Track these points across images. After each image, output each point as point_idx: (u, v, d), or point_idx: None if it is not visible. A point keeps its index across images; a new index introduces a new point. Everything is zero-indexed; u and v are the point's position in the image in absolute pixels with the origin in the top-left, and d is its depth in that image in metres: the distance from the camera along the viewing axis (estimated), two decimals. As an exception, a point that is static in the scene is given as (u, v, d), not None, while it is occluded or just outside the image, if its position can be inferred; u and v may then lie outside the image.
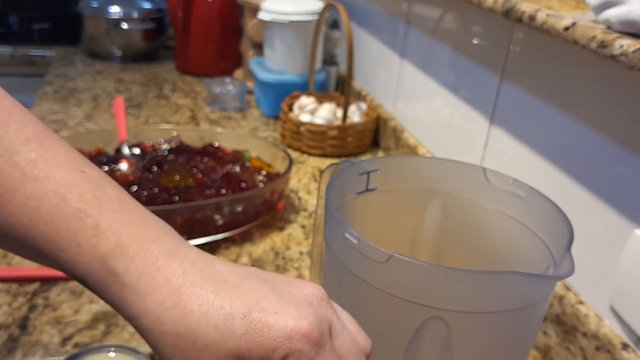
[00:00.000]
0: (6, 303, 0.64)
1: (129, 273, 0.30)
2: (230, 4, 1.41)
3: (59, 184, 0.31)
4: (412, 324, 0.41)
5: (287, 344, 0.29)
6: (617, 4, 0.48)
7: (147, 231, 0.31)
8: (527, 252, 0.51)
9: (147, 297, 0.30)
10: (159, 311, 0.29)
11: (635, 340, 0.53)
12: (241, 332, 0.29)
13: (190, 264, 0.31)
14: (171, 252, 0.31)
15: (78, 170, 0.32)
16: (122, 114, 0.96)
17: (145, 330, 0.30)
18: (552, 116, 0.63)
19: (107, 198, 0.31)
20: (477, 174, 0.55)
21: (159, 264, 0.30)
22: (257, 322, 0.29)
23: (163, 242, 0.31)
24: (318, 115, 1.10)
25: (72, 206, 0.30)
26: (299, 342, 0.29)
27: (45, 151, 0.31)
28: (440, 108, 0.90)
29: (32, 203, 0.30)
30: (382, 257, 0.40)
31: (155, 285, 0.30)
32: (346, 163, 0.53)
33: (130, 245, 0.30)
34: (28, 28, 1.79)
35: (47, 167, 0.31)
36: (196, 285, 0.30)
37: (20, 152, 0.31)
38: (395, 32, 1.06)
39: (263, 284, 0.31)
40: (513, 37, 0.70)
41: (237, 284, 0.31)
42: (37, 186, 0.30)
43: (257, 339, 0.29)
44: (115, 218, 0.31)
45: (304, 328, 0.29)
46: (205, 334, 0.29)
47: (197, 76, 1.46)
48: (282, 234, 0.82)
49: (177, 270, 0.30)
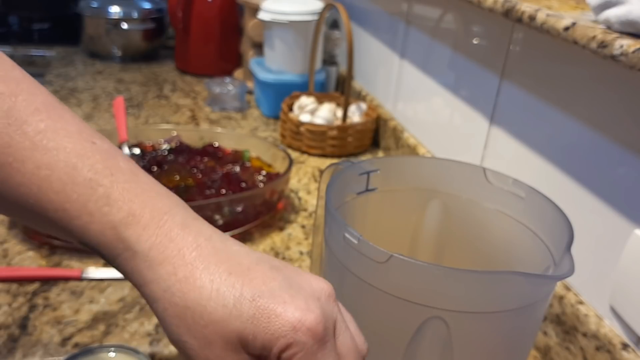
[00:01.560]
0: (6, 303, 0.64)
1: (142, 241, 0.30)
2: (230, 4, 1.41)
3: (70, 154, 0.31)
4: (412, 324, 0.41)
5: (292, 334, 0.29)
6: (617, 4, 0.48)
7: (160, 202, 0.31)
8: (527, 252, 0.51)
9: (158, 266, 0.30)
10: (170, 281, 0.29)
11: (635, 340, 0.53)
12: (249, 314, 0.29)
13: (205, 239, 0.31)
14: (185, 224, 0.31)
15: (89, 142, 0.32)
16: (122, 114, 0.96)
17: (153, 298, 0.30)
18: (552, 116, 0.63)
19: (118, 168, 0.31)
20: (477, 174, 0.54)
21: (172, 235, 0.30)
22: (265, 307, 0.29)
23: (177, 213, 0.31)
24: (318, 115, 1.10)
25: (83, 175, 0.30)
26: (303, 334, 0.29)
27: (54, 121, 0.31)
28: (440, 108, 0.90)
29: (43, 172, 0.30)
30: (382, 257, 0.40)
31: (168, 255, 0.30)
32: (346, 163, 0.53)
33: (143, 214, 0.30)
34: (28, 28, 1.79)
35: (57, 137, 0.31)
36: (210, 261, 0.30)
37: (30, 122, 0.30)
38: (395, 32, 1.06)
39: (275, 272, 0.31)
40: (513, 37, 0.70)
41: (250, 267, 0.31)
42: (47, 156, 0.30)
43: (264, 324, 0.29)
44: (127, 188, 0.31)
45: (310, 321, 0.29)
46: (213, 311, 0.29)
47: (197, 76, 1.46)
48: (282, 234, 0.82)
49: (192, 244, 0.30)
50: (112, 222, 0.30)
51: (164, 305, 0.30)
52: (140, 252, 0.30)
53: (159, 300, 0.30)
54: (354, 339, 0.33)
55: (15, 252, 0.73)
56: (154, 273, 0.30)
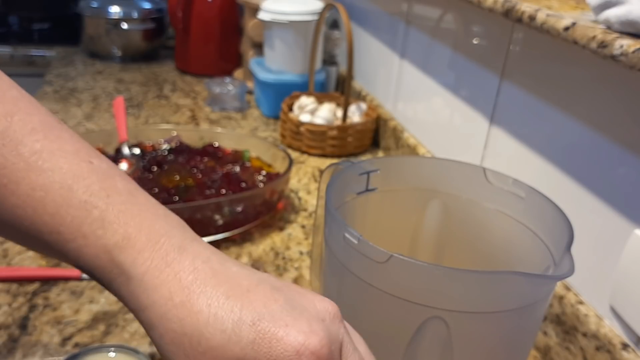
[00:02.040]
0: (6, 303, 0.64)
1: (136, 266, 0.29)
2: (230, 4, 1.41)
3: (65, 175, 0.30)
4: (412, 324, 0.41)
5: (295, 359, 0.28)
6: (617, 4, 0.48)
7: (157, 224, 0.31)
8: (527, 252, 0.51)
9: (154, 291, 0.29)
10: (167, 307, 0.28)
11: (635, 340, 0.53)
12: (249, 339, 0.28)
13: (202, 261, 0.30)
14: (182, 247, 0.30)
15: (85, 161, 0.31)
16: (122, 114, 0.96)
17: (149, 324, 0.29)
18: (552, 116, 0.63)
19: (114, 190, 0.31)
20: (477, 174, 0.54)
21: (169, 259, 0.29)
22: (266, 331, 0.28)
23: (174, 235, 0.30)
24: (318, 115, 1.10)
25: (78, 197, 0.30)
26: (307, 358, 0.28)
27: (51, 142, 0.31)
28: (440, 108, 0.90)
29: (37, 194, 0.30)
30: (382, 257, 0.40)
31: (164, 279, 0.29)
32: (346, 163, 0.53)
33: (138, 238, 0.29)
34: (28, 28, 1.79)
35: (52, 158, 0.30)
36: (207, 284, 0.29)
37: (25, 142, 0.30)
38: (395, 32, 1.06)
39: (276, 293, 0.30)
40: (513, 37, 0.70)
41: (250, 289, 0.30)
42: (42, 177, 0.30)
43: (265, 349, 0.28)
44: (122, 210, 0.30)
45: (314, 345, 0.28)
46: (211, 336, 0.28)
47: (197, 76, 1.46)
48: (282, 234, 0.82)
49: (188, 267, 0.29)
50: (107, 245, 0.29)
51: (160, 332, 0.29)
52: (135, 276, 0.29)
53: (155, 327, 0.29)
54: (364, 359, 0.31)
55: (15, 252, 0.73)
56: (149, 298, 0.29)
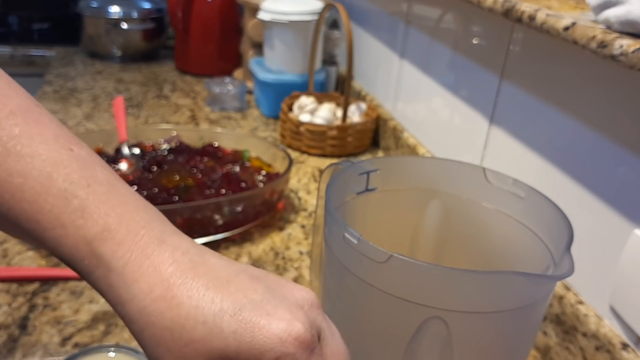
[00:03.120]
0: (6, 303, 0.64)
1: (116, 258, 0.29)
2: (230, 4, 1.41)
3: (45, 162, 0.29)
4: (412, 324, 0.41)
5: (279, 347, 0.28)
6: (616, 4, 0.48)
7: (137, 215, 0.30)
8: (527, 252, 0.51)
9: (133, 284, 0.28)
10: (146, 300, 0.28)
11: (635, 340, 0.53)
12: (230, 330, 0.28)
13: (181, 253, 0.30)
14: (162, 239, 0.30)
15: (65, 148, 0.30)
16: (122, 114, 0.96)
17: (129, 319, 0.29)
18: (552, 116, 0.63)
19: (95, 179, 0.30)
20: (477, 174, 0.54)
21: (148, 251, 0.29)
22: (247, 321, 0.28)
23: (154, 227, 0.30)
24: (318, 115, 1.10)
25: (57, 186, 0.29)
26: (291, 345, 0.28)
27: (30, 127, 0.30)
28: (440, 108, 0.90)
29: (15, 180, 0.29)
30: (382, 257, 0.40)
31: (143, 272, 0.28)
32: (346, 163, 0.53)
33: (118, 229, 0.29)
34: (28, 28, 1.79)
35: (32, 144, 0.29)
36: (187, 276, 0.29)
37: (3, 126, 0.29)
38: (395, 32, 1.06)
39: (256, 282, 0.30)
40: (513, 37, 0.70)
41: (230, 280, 0.29)
42: (20, 163, 0.29)
43: (247, 339, 0.28)
44: (103, 200, 0.29)
45: (297, 330, 0.28)
46: (192, 329, 0.28)
47: (197, 76, 1.46)
48: (282, 234, 0.82)
49: (168, 259, 0.29)
50: (86, 236, 0.29)
51: (141, 327, 0.28)
52: (115, 269, 0.28)
53: (136, 322, 0.28)
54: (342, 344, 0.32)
55: (15, 252, 0.73)
56: (129, 291, 0.28)
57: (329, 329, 0.31)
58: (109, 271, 0.29)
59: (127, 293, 0.28)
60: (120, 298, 0.29)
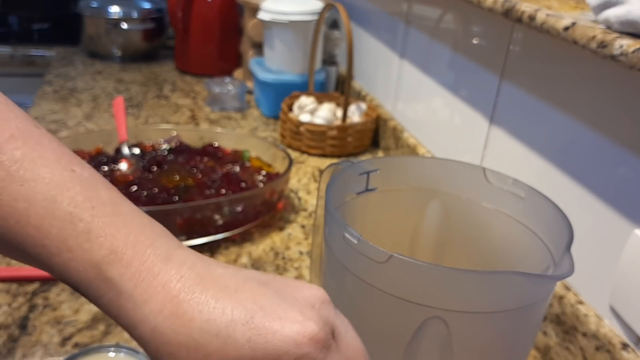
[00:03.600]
0: (6, 303, 0.64)
1: (125, 280, 0.29)
2: (230, 4, 1.41)
3: (48, 186, 0.29)
4: (412, 324, 0.41)
5: (294, 349, 0.28)
6: (616, 4, 0.48)
7: (142, 235, 0.30)
8: (527, 252, 0.51)
9: (144, 305, 0.28)
10: (158, 320, 0.28)
11: (635, 340, 0.53)
12: (244, 339, 0.28)
13: (187, 268, 0.30)
14: (168, 256, 0.30)
15: (68, 170, 0.30)
16: (122, 114, 0.96)
17: (143, 340, 0.29)
18: (552, 116, 0.63)
19: (99, 200, 0.30)
20: (477, 174, 0.54)
21: (156, 270, 0.29)
22: (260, 327, 0.28)
23: (159, 246, 0.30)
24: (318, 115, 1.10)
25: (62, 209, 0.29)
26: (307, 346, 0.28)
27: (31, 149, 0.29)
28: (440, 108, 0.90)
29: (20, 205, 0.28)
30: (382, 257, 0.40)
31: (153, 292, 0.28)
32: (346, 163, 0.53)
33: (125, 251, 0.29)
34: (28, 28, 1.79)
35: (34, 167, 0.29)
36: (195, 291, 0.29)
37: (5, 150, 0.29)
38: (395, 32, 1.06)
39: (264, 288, 0.30)
40: (513, 37, 0.70)
41: (238, 288, 0.29)
42: (24, 187, 0.29)
43: (262, 345, 0.28)
44: (107, 222, 0.29)
45: (310, 331, 0.28)
46: (207, 343, 0.28)
47: (197, 76, 1.46)
48: (282, 234, 0.82)
49: (175, 276, 0.29)
50: (94, 260, 0.29)
51: (156, 346, 0.28)
52: (124, 291, 0.29)
53: (150, 342, 0.29)
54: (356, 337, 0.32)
55: (15, 252, 0.73)
56: (140, 313, 0.28)
57: (342, 324, 0.31)
58: (119, 294, 0.29)
59: (138, 314, 0.29)
60: (132, 320, 0.29)
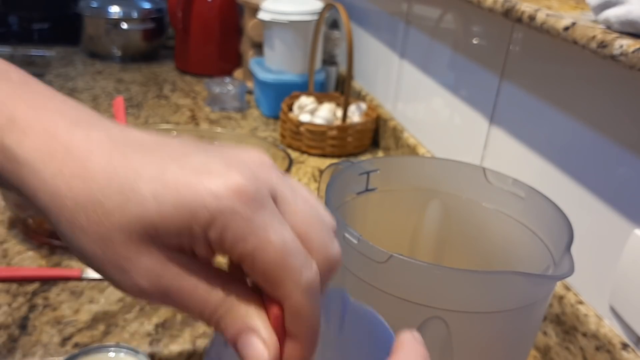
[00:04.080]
0: (6, 303, 0.64)
1: (23, 146, 0.25)
2: (230, 4, 1.41)
3: None
4: (412, 324, 0.41)
5: (213, 202, 0.23)
6: (616, 4, 0.48)
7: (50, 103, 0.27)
8: (527, 252, 0.51)
9: (43, 170, 0.25)
10: (56, 182, 0.24)
11: (635, 340, 0.53)
12: (150, 193, 0.23)
13: (98, 130, 0.26)
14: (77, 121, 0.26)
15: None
16: (122, 114, 0.96)
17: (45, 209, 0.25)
18: (552, 116, 0.63)
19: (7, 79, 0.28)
20: (477, 174, 0.55)
21: (60, 132, 0.25)
22: (172, 181, 0.23)
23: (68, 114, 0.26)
24: (318, 115, 1.10)
25: None
26: (228, 198, 0.23)
27: None
28: (440, 108, 0.90)
29: None
30: (382, 257, 0.40)
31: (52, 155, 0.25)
32: (346, 163, 0.53)
33: (25, 118, 0.26)
34: (28, 28, 1.78)
35: None
36: (104, 149, 0.25)
37: None
38: (395, 32, 1.06)
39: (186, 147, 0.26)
40: (513, 37, 0.70)
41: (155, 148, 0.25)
42: None
43: (171, 199, 0.23)
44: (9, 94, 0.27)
45: (234, 182, 0.23)
46: (107, 200, 0.23)
47: (197, 76, 1.46)
48: (282, 234, 0.82)
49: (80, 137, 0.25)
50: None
51: (56, 213, 0.25)
52: (22, 158, 0.25)
53: (50, 210, 0.25)
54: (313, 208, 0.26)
55: (15, 252, 0.73)
56: (39, 178, 0.25)
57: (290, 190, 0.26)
58: (18, 163, 0.25)
59: (38, 180, 0.25)
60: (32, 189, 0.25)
